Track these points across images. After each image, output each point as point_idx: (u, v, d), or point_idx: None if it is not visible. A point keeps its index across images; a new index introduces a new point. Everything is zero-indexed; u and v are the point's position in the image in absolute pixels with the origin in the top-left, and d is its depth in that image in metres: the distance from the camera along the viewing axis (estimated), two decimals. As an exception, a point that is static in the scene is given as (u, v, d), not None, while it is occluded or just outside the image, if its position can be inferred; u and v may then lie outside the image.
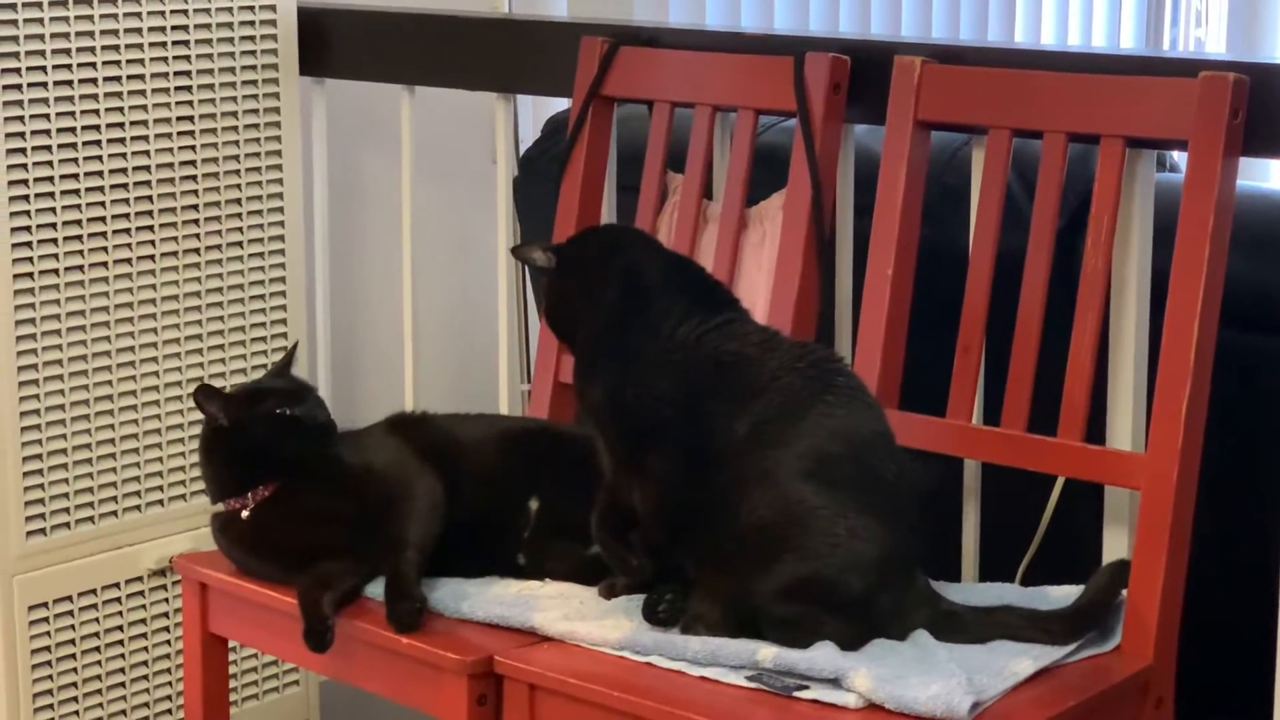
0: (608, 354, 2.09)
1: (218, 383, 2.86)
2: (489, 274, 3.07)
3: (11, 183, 2.61)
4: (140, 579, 2.83)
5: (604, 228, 2.50)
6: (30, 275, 2.65)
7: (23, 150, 2.62)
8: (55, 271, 2.68)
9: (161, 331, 2.82)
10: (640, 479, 2.06)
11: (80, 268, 2.71)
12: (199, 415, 2.32)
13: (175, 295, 2.83)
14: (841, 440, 2.00)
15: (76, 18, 2.64)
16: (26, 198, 2.63)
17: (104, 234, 2.73)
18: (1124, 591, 2.07)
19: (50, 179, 2.65)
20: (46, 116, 2.64)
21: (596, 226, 2.53)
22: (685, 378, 2.04)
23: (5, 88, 2.59)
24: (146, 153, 2.77)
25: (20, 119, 2.61)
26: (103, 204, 2.72)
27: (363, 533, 2.19)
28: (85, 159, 2.69)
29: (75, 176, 2.68)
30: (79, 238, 2.70)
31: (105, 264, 2.74)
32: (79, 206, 2.69)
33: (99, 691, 2.80)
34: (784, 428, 1.99)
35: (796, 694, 1.90)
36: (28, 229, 2.64)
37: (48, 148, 2.64)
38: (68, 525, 2.73)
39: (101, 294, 2.74)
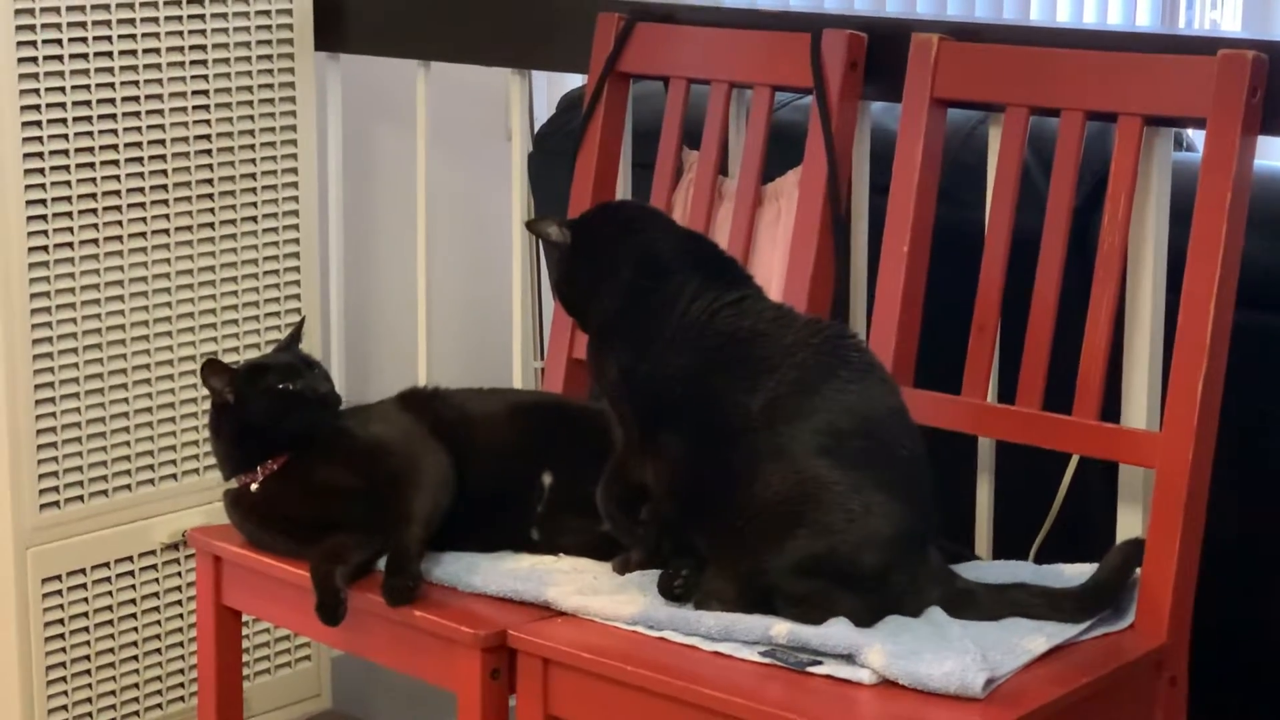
0: (622, 331, 2.09)
1: (230, 357, 2.86)
2: (503, 250, 3.07)
3: (27, 155, 2.61)
4: (153, 553, 2.84)
5: (619, 204, 2.50)
6: (45, 249, 2.65)
7: (38, 123, 2.62)
8: (70, 245, 2.68)
9: (176, 305, 2.82)
10: (653, 455, 2.06)
11: (95, 241, 2.71)
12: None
13: (190, 269, 2.83)
14: (856, 416, 2.00)
15: (92, -9, 2.65)
16: (41, 170, 2.63)
17: (119, 207, 2.73)
18: (1138, 570, 2.06)
19: (65, 152, 2.65)
20: (61, 90, 2.64)
21: (611, 202, 2.52)
22: (699, 355, 2.04)
23: (21, 60, 2.59)
24: (161, 126, 2.77)
25: (35, 92, 2.61)
26: (118, 177, 2.72)
27: (372, 507, 2.20)
28: (100, 133, 2.69)
29: (90, 150, 2.68)
30: (94, 211, 2.70)
31: (120, 238, 2.74)
32: (94, 180, 2.69)
33: (112, 665, 2.80)
34: (798, 404, 1.99)
35: (810, 669, 1.90)
36: (43, 202, 2.64)
37: (63, 120, 2.64)
38: (81, 499, 2.74)
39: (116, 267, 2.74)
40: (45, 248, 2.65)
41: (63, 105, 2.64)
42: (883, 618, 1.97)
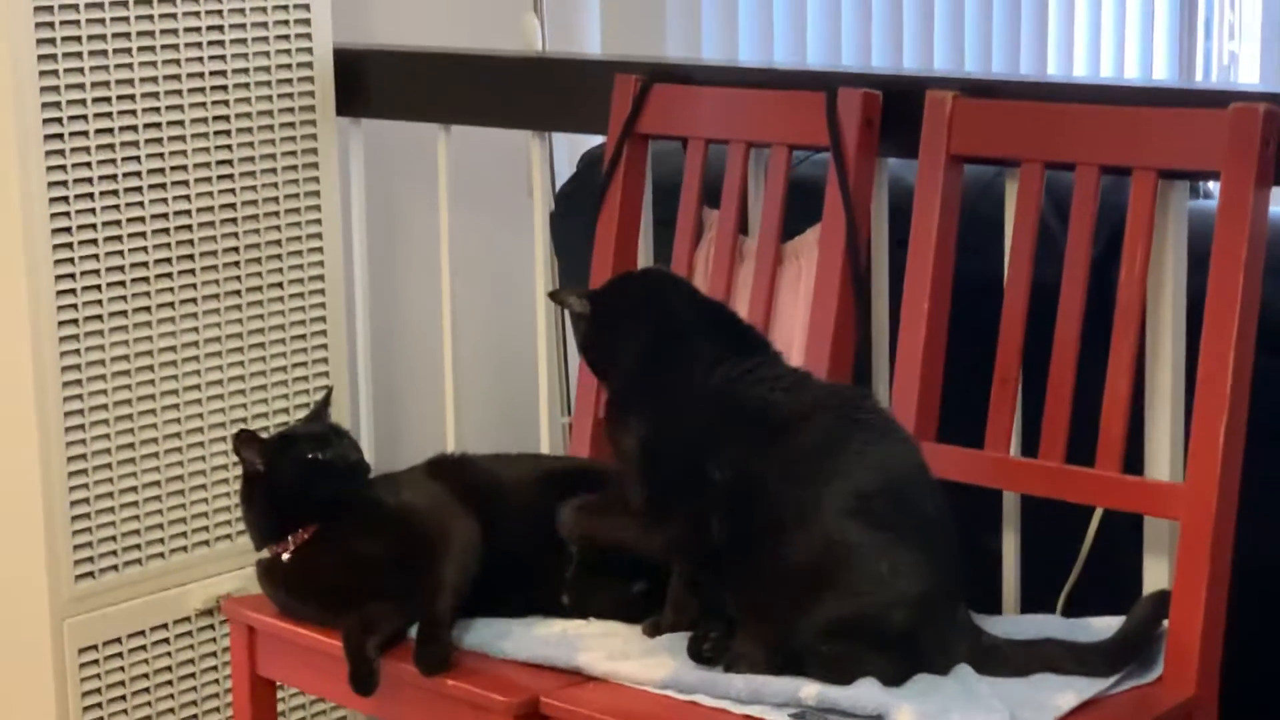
0: (639, 400, 2.11)
1: (259, 424, 2.88)
2: (527, 308, 3.08)
3: (55, 230, 2.64)
4: (188, 619, 2.85)
5: (638, 273, 2.52)
6: (75, 321, 2.68)
7: (65, 199, 2.64)
8: (99, 317, 2.70)
9: (205, 374, 2.84)
10: (666, 521, 2.08)
11: (124, 312, 2.73)
12: (241, 458, 2.34)
13: (218, 337, 2.86)
14: (879, 477, 2.01)
15: (116, 66, 2.67)
16: (70, 245, 2.65)
17: (146, 279, 2.76)
18: (1165, 622, 2.07)
19: (94, 225, 2.68)
20: (88, 165, 2.67)
21: (631, 272, 2.54)
22: (718, 423, 2.06)
23: (48, 137, 2.62)
24: (187, 196, 2.79)
25: (63, 168, 2.64)
26: (145, 249, 2.75)
27: (403, 576, 2.21)
28: (127, 205, 2.72)
29: (118, 223, 2.71)
30: (122, 283, 2.73)
31: (148, 308, 2.76)
32: (121, 253, 2.72)
33: (149, 732, 2.83)
34: (820, 467, 2.01)
35: (840, 731, 1.92)
36: (72, 276, 2.66)
37: (90, 195, 2.67)
38: (115, 568, 2.76)
39: (145, 337, 2.77)
40: (75, 321, 2.67)
41: (89, 180, 2.67)
42: (912, 676, 1.98)
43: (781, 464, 2.01)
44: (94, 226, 2.68)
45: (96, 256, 2.69)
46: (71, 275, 2.67)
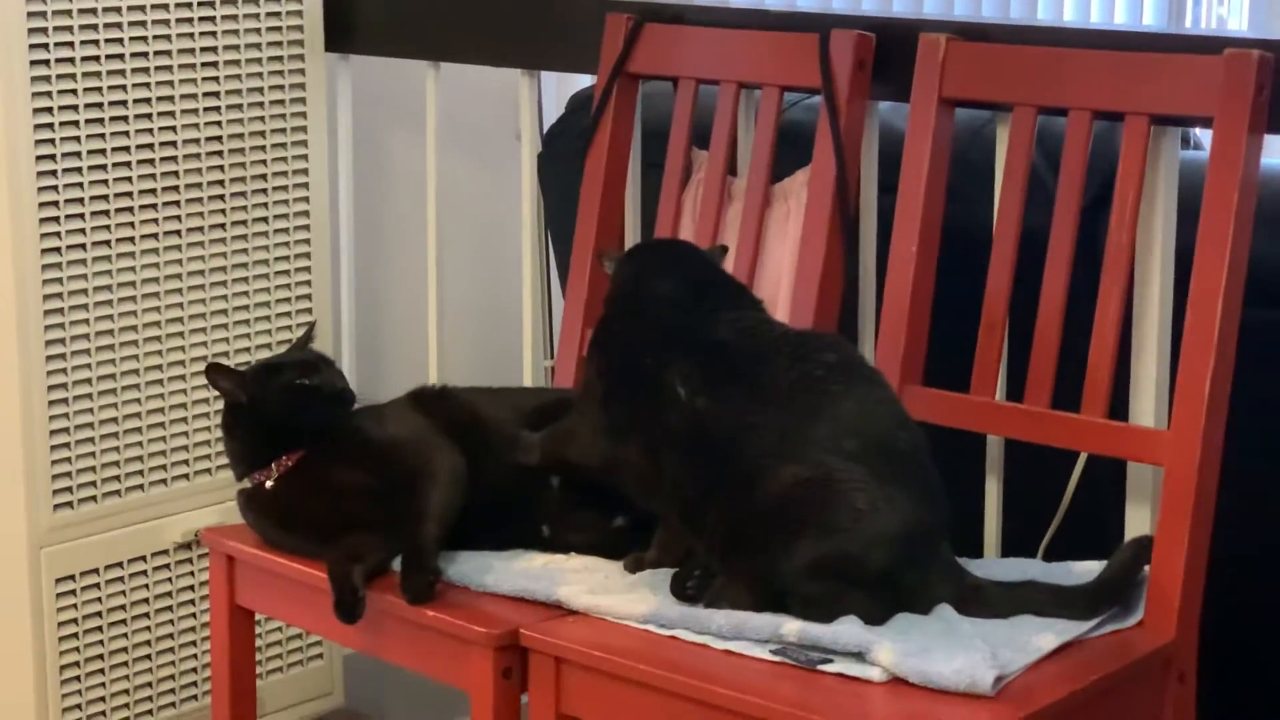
0: (608, 337, 2.15)
1: (242, 358, 2.88)
2: (513, 250, 3.08)
3: (40, 157, 2.62)
4: (166, 552, 2.85)
5: (655, 240, 2.57)
6: (58, 250, 2.66)
7: (50, 125, 2.63)
8: (82, 246, 2.69)
9: (188, 306, 2.83)
10: (627, 448, 2.09)
11: (107, 243, 2.72)
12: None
13: (201, 270, 2.84)
14: (852, 414, 2.02)
15: (103, -6, 2.66)
16: (54, 173, 2.64)
17: (130, 209, 2.74)
18: (1147, 567, 2.07)
19: (78, 153, 2.67)
20: (74, 92, 2.65)
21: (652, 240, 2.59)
22: (675, 355, 2.07)
23: (34, 63, 2.60)
24: (173, 128, 2.78)
25: (48, 94, 2.62)
26: (129, 179, 2.73)
27: (387, 506, 2.21)
28: (112, 134, 2.70)
29: (102, 152, 2.69)
30: (105, 213, 2.71)
31: (132, 239, 2.75)
32: (105, 182, 2.71)
33: (125, 664, 2.82)
34: (796, 407, 2.01)
35: (821, 667, 1.91)
36: (55, 204, 2.65)
37: (75, 123, 2.66)
38: (94, 499, 2.75)
39: (128, 269, 2.75)
40: (58, 249, 2.66)
41: (75, 108, 2.65)
42: (894, 615, 1.99)
43: (757, 404, 2.01)
44: (78, 155, 2.67)
45: (80, 185, 2.68)
46: (55, 204, 2.65)
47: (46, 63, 2.61)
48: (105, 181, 2.71)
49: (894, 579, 1.99)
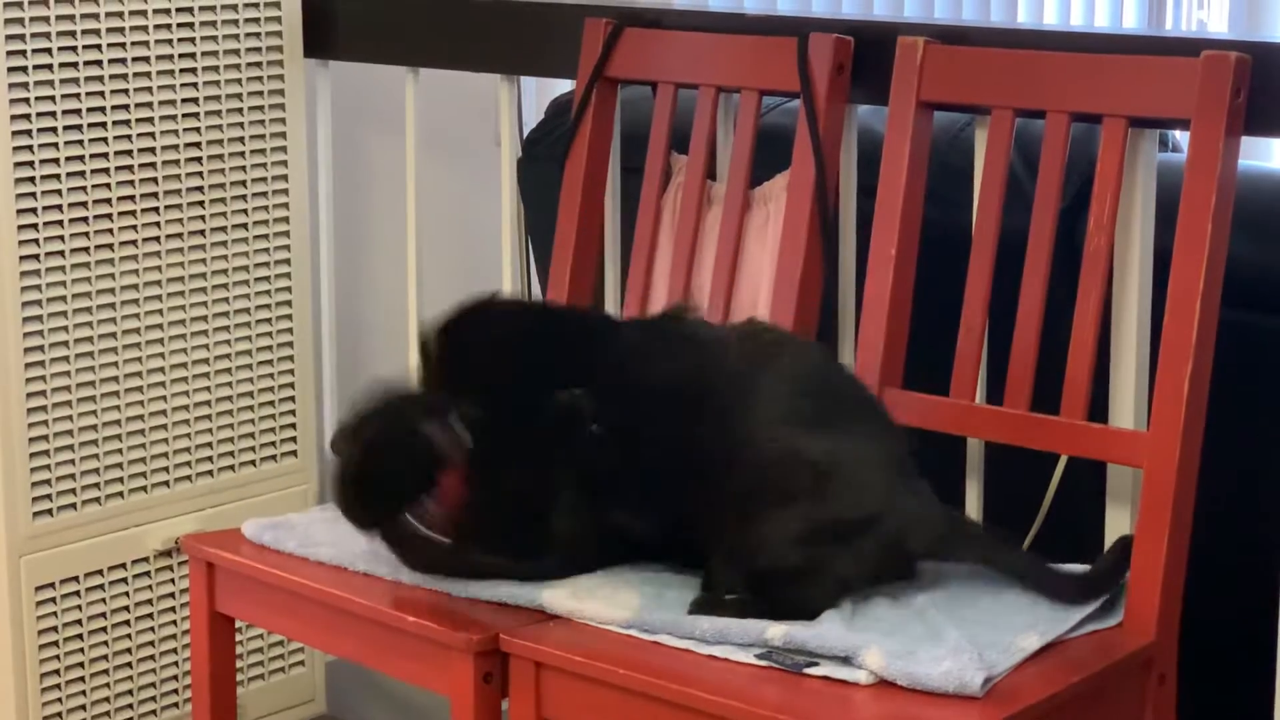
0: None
1: (221, 365, 2.88)
2: (493, 255, 3.07)
3: (18, 164, 2.62)
4: (146, 559, 2.84)
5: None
6: (36, 257, 2.66)
7: (28, 132, 2.62)
8: (61, 253, 2.69)
9: (167, 313, 2.83)
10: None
11: (86, 249, 2.72)
12: (204, 396, 2.29)
13: (181, 277, 2.84)
14: (794, 379, 2.06)
15: (82, 0, 2.65)
16: (33, 179, 2.64)
17: (109, 215, 2.74)
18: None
19: (56, 160, 2.66)
20: (52, 99, 2.65)
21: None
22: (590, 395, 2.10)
23: (11, 69, 2.59)
24: (152, 134, 2.77)
25: (26, 100, 2.62)
26: (108, 185, 2.73)
27: None
28: (90, 140, 2.70)
29: (81, 158, 2.69)
30: (84, 219, 2.71)
31: (111, 245, 2.75)
32: (84, 188, 2.70)
33: (106, 672, 2.81)
34: (737, 387, 2.04)
35: (807, 671, 1.91)
36: (34, 210, 2.65)
37: (53, 129, 2.65)
38: (74, 506, 2.75)
39: (107, 275, 2.75)
40: (37, 256, 2.66)
41: (53, 114, 2.65)
42: (886, 563, 2.02)
43: (704, 396, 2.05)
44: (57, 161, 2.66)
45: (59, 192, 2.67)
46: (33, 210, 2.65)
47: (24, 69, 2.61)
48: (84, 188, 2.70)
49: (874, 524, 2.00)
